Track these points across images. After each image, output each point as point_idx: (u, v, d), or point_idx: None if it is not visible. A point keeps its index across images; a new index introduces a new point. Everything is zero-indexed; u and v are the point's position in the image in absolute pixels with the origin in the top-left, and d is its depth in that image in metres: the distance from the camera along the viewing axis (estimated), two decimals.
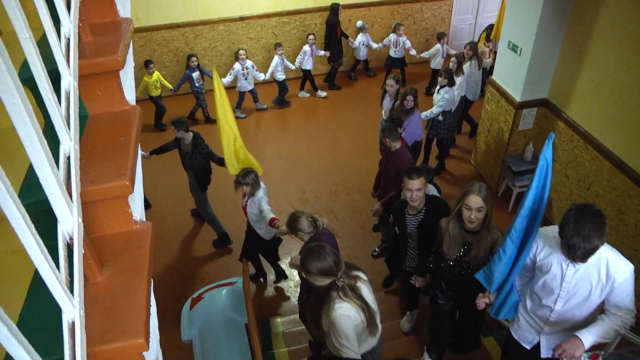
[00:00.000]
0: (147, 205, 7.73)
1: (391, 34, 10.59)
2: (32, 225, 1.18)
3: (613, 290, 3.26)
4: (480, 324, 4.90)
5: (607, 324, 3.28)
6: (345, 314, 3.19)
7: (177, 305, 5.86)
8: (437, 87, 7.57)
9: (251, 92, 10.03)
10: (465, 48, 8.44)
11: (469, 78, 8.35)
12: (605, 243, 3.10)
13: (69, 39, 1.89)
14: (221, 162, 6.00)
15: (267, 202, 5.57)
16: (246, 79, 9.72)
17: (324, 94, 10.92)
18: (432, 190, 5.39)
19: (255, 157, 5.64)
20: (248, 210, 5.63)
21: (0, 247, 1.82)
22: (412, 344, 5.48)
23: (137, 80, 9.88)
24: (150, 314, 1.73)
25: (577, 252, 3.00)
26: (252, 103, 10.31)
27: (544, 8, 6.02)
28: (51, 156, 1.35)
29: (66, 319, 1.39)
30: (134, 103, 2.29)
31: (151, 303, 1.83)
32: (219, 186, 7.09)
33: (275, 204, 7.18)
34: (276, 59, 9.93)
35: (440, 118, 7.49)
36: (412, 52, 10.54)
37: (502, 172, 7.52)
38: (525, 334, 3.89)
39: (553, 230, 3.39)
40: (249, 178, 5.36)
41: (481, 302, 3.92)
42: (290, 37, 10.95)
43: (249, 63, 9.66)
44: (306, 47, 10.20)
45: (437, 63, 10.10)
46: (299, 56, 10.28)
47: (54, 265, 1.29)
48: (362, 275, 3.51)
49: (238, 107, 10.04)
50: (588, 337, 3.24)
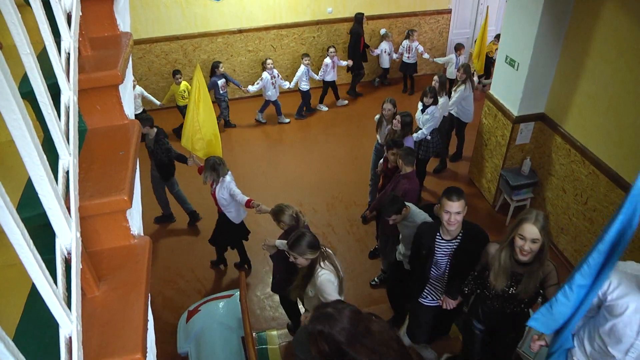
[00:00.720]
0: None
1: (404, 40, 10.86)
2: (31, 240, 1.18)
3: None
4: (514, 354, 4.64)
5: None
6: (327, 279, 4.04)
7: (173, 317, 5.84)
8: (421, 108, 7.44)
9: (274, 103, 10.13)
10: (458, 71, 8.20)
11: (463, 101, 8.21)
12: None
13: (69, 53, 1.90)
14: (180, 158, 6.80)
15: (236, 185, 5.89)
16: (274, 87, 9.85)
17: (345, 102, 11.02)
18: (422, 215, 5.06)
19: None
20: (218, 196, 5.90)
21: None
22: None
23: (165, 89, 10.25)
24: (147, 328, 1.73)
25: None
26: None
27: (541, 23, 6.06)
28: (50, 171, 1.35)
29: (63, 334, 1.39)
30: (133, 117, 2.29)
31: (148, 318, 1.82)
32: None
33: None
34: (302, 68, 10.00)
35: (428, 137, 7.45)
36: (425, 55, 10.82)
37: (500, 186, 7.54)
38: None
39: (633, 267, 3.06)
40: (209, 164, 5.77)
41: (536, 345, 3.65)
42: (289, 50, 11.02)
43: (275, 72, 9.78)
44: (327, 60, 10.27)
45: (449, 73, 10.16)
46: (322, 69, 10.35)
47: (51, 280, 1.29)
48: (330, 250, 4.33)
49: (261, 111, 10.32)
50: None
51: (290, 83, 10.11)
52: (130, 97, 2.42)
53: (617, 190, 5.66)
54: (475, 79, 9.04)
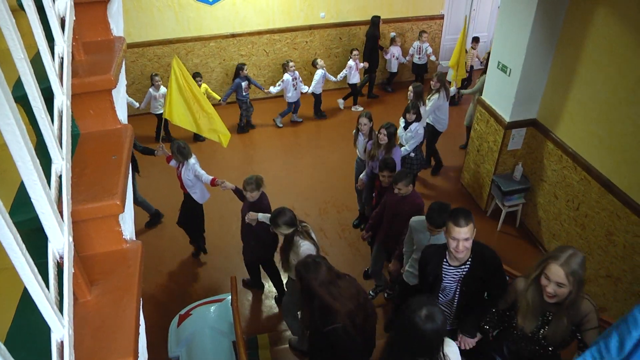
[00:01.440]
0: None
1: (415, 41, 11.06)
2: (23, 245, 1.18)
3: None
4: None
5: None
6: (308, 248, 4.61)
7: (164, 321, 5.81)
8: (403, 124, 7.23)
9: (295, 104, 10.23)
10: (432, 80, 8.02)
11: (437, 110, 8.02)
12: None
13: (62, 57, 1.90)
14: (145, 151, 6.89)
15: (200, 167, 6.29)
16: (295, 89, 9.92)
17: (360, 108, 11.06)
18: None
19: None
20: (183, 177, 6.28)
21: None
22: None
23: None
24: (139, 333, 1.73)
25: None
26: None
27: (534, 29, 6.10)
28: (43, 175, 1.35)
29: (55, 338, 1.38)
30: (126, 122, 2.29)
31: (140, 322, 1.82)
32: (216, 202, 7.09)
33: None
34: (320, 72, 10.06)
35: (412, 154, 7.28)
36: (432, 57, 11.07)
37: (491, 191, 7.56)
38: None
39: None
40: (175, 148, 6.16)
41: None
42: (281, 55, 11.03)
43: (297, 73, 9.85)
44: (351, 62, 10.43)
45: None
46: (344, 70, 10.46)
47: (43, 285, 1.29)
48: (308, 225, 4.90)
49: (282, 115, 10.41)
50: None
51: (309, 88, 10.17)
52: (123, 101, 2.42)
53: (608, 196, 5.69)
54: (454, 89, 8.84)
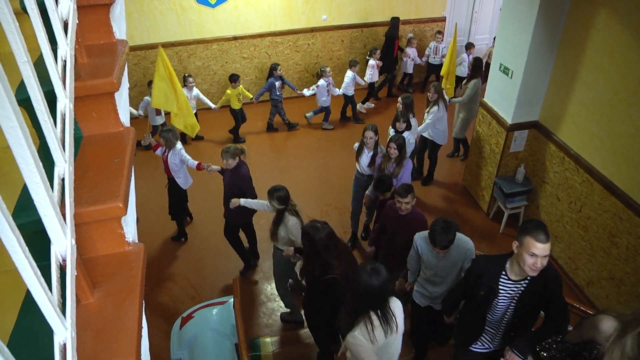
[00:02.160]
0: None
1: (432, 42, 11.15)
2: (26, 247, 1.18)
3: None
4: None
5: None
6: (295, 223, 5.27)
7: (167, 324, 5.82)
8: (393, 134, 6.81)
9: (327, 109, 10.27)
10: (429, 91, 7.77)
11: (437, 122, 7.76)
12: None
13: (65, 60, 1.90)
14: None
15: (186, 152, 6.66)
16: (329, 94, 9.98)
17: (372, 105, 11.16)
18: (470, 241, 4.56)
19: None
20: (170, 162, 6.61)
21: None
22: None
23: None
24: (141, 335, 1.73)
25: None
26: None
27: (535, 31, 6.11)
28: (46, 178, 1.36)
29: (58, 340, 1.38)
30: (129, 124, 2.30)
31: (142, 324, 1.82)
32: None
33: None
34: (350, 74, 10.05)
35: None
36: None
37: (494, 194, 7.56)
38: None
39: None
40: (164, 134, 6.51)
41: None
42: (283, 57, 11.04)
43: (331, 79, 9.88)
44: (372, 62, 10.50)
45: (461, 71, 10.41)
46: (369, 71, 10.52)
47: (46, 287, 1.29)
48: (296, 205, 5.46)
49: (315, 113, 10.48)
50: None
51: (339, 90, 10.18)
52: (125, 104, 2.42)
53: (611, 198, 5.69)
54: (446, 97, 8.49)
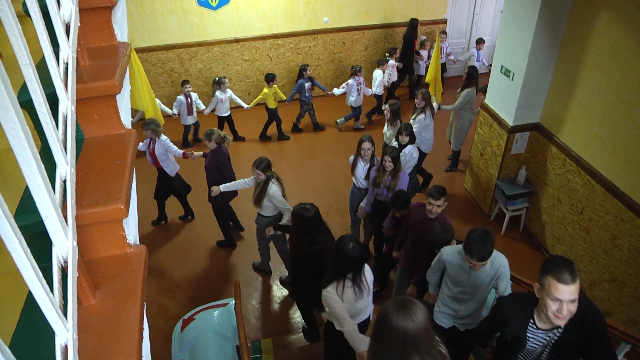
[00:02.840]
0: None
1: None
2: (28, 249, 1.19)
3: None
4: None
5: None
6: (276, 189, 5.84)
7: (168, 326, 5.83)
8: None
9: (358, 109, 10.28)
10: (416, 98, 7.62)
11: (423, 130, 7.59)
12: None
13: (67, 63, 1.91)
14: None
15: (171, 143, 7.06)
16: (359, 94, 9.97)
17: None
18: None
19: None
20: (157, 153, 6.96)
21: None
22: None
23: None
24: (142, 337, 1.73)
25: None
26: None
27: (536, 33, 6.11)
28: (48, 180, 1.36)
29: (59, 342, 1.39)
30: (130, 127, 2.30)
31: (144, 326, 1.82)
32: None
33: None
34: (380, 73, 10.13)
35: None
36: (452, 56, 11.36)
37: (495, 195, 7.56)
38: None
39: None
40: (149, 126, 6.82)
41: None
42: (284, 60, 11.06)
43: (362, 78, 9.89)
44: (392, 62, 10.57)
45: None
46: (388, 70, 10.50)
47: (48, 288, 1.29)
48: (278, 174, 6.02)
49: (346, 119, 10.50)
50: None
51: (372, 89, 10.22)
52: (127, 106, 2.43)
53: (612, 200, 5.68)
54: (435, 105, 8.29)
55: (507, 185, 7.25)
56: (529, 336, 3.08)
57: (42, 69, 1.69)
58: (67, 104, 1.81)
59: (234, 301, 5.51)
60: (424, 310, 2.54)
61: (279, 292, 6.67)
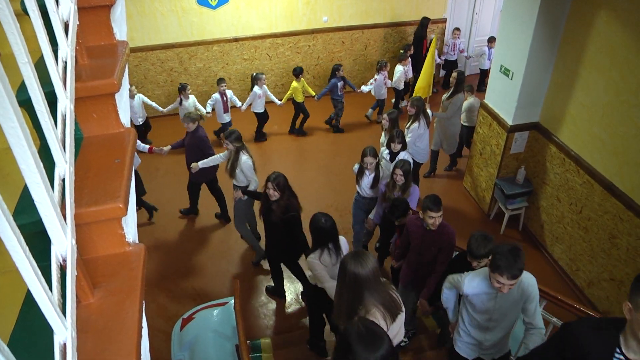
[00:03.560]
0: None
1: (449, 39, 11.44)
2: (27, 248, 1.19)
3: None
4: None
5: None
6: (246, 159, 6.30)
7: (167, 325, 5.82)
8: (388, 156, 6.61)
9: (383, 102, 10.45)
10: (407, 105, 7.55)
11: (417, 140, 7.35)
12: None
13: (66, 62, 1.91)
14: None
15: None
16: (385, 88, 10.16)
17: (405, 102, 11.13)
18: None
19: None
20: None
21: None
22: None
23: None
24: (141, 336, 1.73)
25: None
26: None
27: (536, 33, 6.11)
28: (46, 178, 1.36)
29: (58, 340, 1.39)
30: (129, 125, 2.30)
31: (143, 325, 1.82)
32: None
33: None
34: (401, 68, 10.26)
35: None
36: (465, 53, 11.67)
37: (494, 195, 7.56)
38: None
39: None
40: None
41: None
42: (284, 59, 11.05)
43: (386, 73, 10.04)
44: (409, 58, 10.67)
45: (482, 64, 10.88)
46: (406, 67, 10.56)
47: (46, 287, 1.29)
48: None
49: (373, 108, 10.66)
50: None
51: (392, 82, 10.36)
52: (126, 105, 2.43)
53: (611, 200, 5.69)
54: (429, 112, 7.91)
55: (507, 184, 7.25)
56: None
57: (40, 67, 1.69)
58: (65, 103, 1.81)
59: (233, 300, 5.51)
60: (373, 261, 3.21)
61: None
